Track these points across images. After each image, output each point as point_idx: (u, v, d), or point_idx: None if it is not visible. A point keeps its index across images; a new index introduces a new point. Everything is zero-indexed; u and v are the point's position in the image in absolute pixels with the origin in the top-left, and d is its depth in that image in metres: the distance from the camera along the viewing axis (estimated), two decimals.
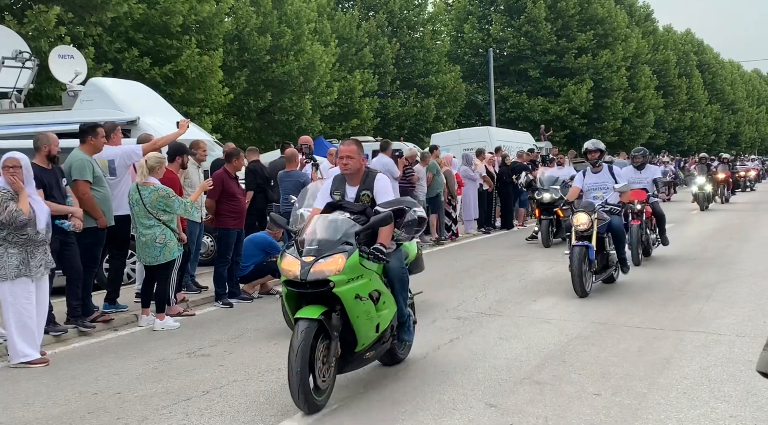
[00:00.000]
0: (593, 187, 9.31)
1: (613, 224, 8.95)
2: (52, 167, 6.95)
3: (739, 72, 76.99)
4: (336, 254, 4.76)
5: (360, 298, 4.79)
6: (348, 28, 30.62)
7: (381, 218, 4.94)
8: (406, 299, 5.52)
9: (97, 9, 16.43)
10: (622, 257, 9.19)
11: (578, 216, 8.58)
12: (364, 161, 5.53)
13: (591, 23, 41.66)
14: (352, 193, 5.44)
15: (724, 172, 25.08)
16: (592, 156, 9.42)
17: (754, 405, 4.65)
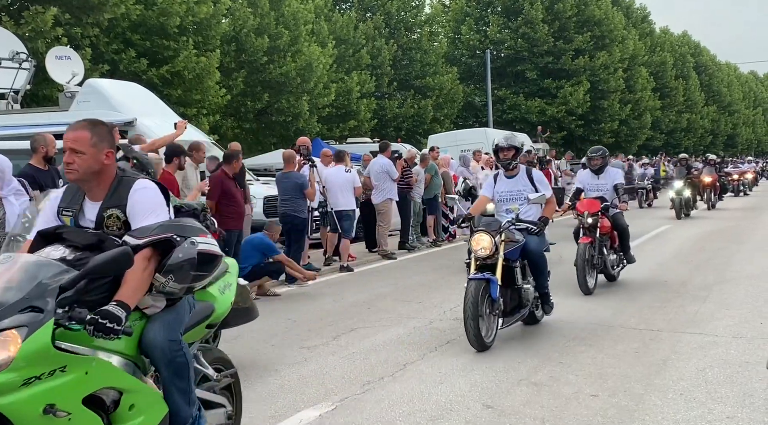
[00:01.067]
0: (506, 197, 7.14)
1: (529, 248, 6.71)
2: (49, 168, 6.95)
3: (735, 74, 77.21)
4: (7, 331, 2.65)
5: (53, 413, 2.67)
6: (345, 29, 30.62)
7: (104, 259, 2.79)
8: (186, 392, 3.29)
9: (94, 10, 16.42)
10: (544, 292, 6.97)
11: (477, 238, 6.44)
12: (110, 158, 3.31)
13: (588, 25, 41.74)
14: (92, 213, 3.32)
15: (709, 175, 22.61)
16: (504, 155, 7.12)
17: (750, 407, 4.66)
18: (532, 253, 6.75)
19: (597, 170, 9.45)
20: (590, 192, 9.38)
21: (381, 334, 6.97)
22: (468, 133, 25.56)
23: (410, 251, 13.44)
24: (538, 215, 7.02)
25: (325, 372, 5.70)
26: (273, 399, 5.09)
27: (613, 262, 9.34)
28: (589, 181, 9.52)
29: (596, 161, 9.50)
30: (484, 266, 6.44)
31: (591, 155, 9.64)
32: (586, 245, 8.69)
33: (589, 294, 8.40)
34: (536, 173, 7.33)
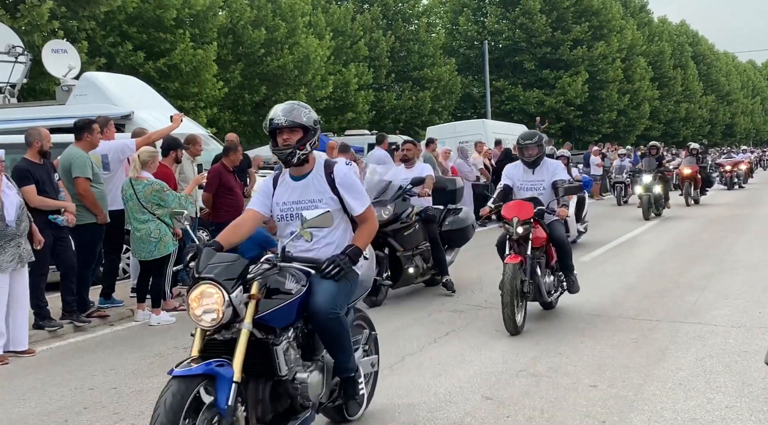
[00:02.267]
0: (527, 186, 7.25)
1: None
2: (44, 162, 6.93)
3: (734, 63, 77.10)
4: None
5: None
6: (343, 21, 30.54)
7: None
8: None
9: (90, 3, 16.36)
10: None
11: None
12: None
13: (586, 15, 41.65)
14: None
15: (689, 166, 19.88)
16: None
17: (749, 396, 4.66)
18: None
19: (531, 163, 7.06)
20: (521, 192, 7.11)
21: (380, 326, 6.91)
22: (466, 124, 25.49)
23: None
24: None
25: None
26: None
27: (549, 286, 6.96)
28: (521, 177, 7.15)
29: (530, 151, 7.02)
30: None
31: (523, 142, 7.07)
32: (515, 266, 6.36)
33: (516, 334, 6.38)
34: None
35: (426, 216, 8.35)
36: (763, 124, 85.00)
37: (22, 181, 6.67)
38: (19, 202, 6.33)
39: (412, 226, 8.11)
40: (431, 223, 8.42)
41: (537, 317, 7.15)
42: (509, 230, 6.54)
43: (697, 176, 19.90)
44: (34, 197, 6.70)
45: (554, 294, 7.18)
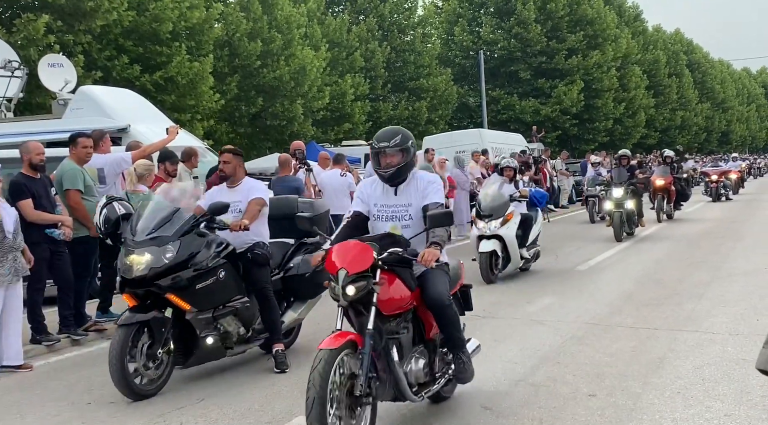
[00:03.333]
0: None
1: None
2: (41, 177, 6.93)
3: (728, 71, 77.52)
4: None
5: None
6: (338, 32, 30.65)
7: None
8: None
9: (86, 17, 16.40)
10: None
11: None
12: None
13: (581, 24, 41.84)
14: None
15: (662, 177, 17.35)
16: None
17: (748, 404, 4.66)
18: None
19: (390, 178, 4.51)
20: (378, 222, 4.63)
21: None
22: (463, 134, 25.57)
23: None
24: None
25: None
26: (269, 405, 5.07)
27: (417, 376, 4.40)
28: (379, 199, 4.64)
29: (388, 159, 4.47)
30: None
31: (377, 145, 4.50)
32: (332, 355, 3.85)
33: None
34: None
35: (253, 256, 5.91)
36: (759, 131, 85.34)
37: (18, 195, 6.67)
38: (17, 215, 6.33)
39: (213, 273, 5.55)
40: (261, 266, 5.92)
41: (535, 325, 7.14)
42: (335, 292, 4.00)
43: (671, 188, 17.54)
44: (31, 212, 6.70)
45: (432, 387, 4.50)
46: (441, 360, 4.70)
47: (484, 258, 9.63)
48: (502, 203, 9.91)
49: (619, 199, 14.07)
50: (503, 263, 9.90)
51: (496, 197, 10.00)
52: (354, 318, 4.22)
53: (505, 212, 9.85)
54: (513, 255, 9.88)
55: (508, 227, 9.79)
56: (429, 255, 4.20)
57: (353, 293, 3.97)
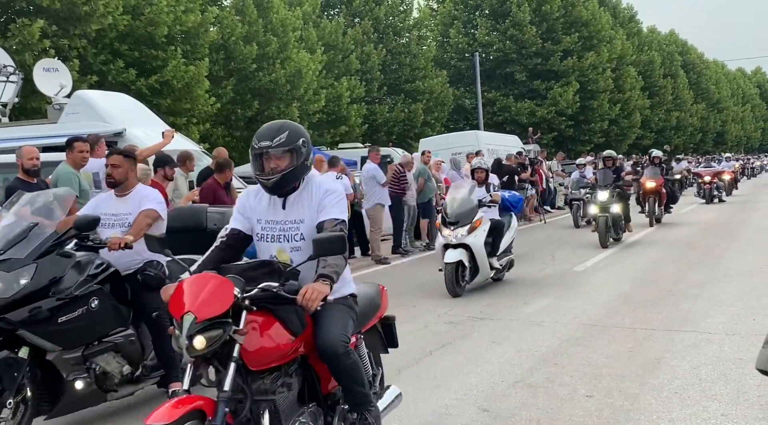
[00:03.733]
0: None
1: None
2: (36, 181, 6.91)
3: (723, 71, 77.69)
4: None
5: None
6: (334, 35, 30.65)
7: None
8: None
9: (81, 21, 16.38)
10: None
11: None
12: None
13: (575, 26, 41.92)
14: None
15: (653, 178, 16.66)
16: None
17: (745, 403, 4.67)
18: None
19: (276, 186, 3.49)
20: (262, 243, 3.64)
21: None
22: (459, 136, 25.59)
23: (404, 255, 13.44)
24: None
25: None
26: None
27: None
28: (264, 214, 3.62)
29: (275, 162, 3.46)
30: None
31: (259, 145, 3.47)
32: None
33: None
34: None
35: (144, 278, 4.96)
36: (754, 131, 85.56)
37: None
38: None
39: (82, 303, 4.54)
40: (152, 290, 4.76)
41: (532, 326, 7.15)
42: (178, 344, 3.00)
43: (661, 191, 16.80)
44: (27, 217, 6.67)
45: None
46: (343, 421, 3.61)
47: (449, 269, 8.86)
48: (470, 208, 9.22)
49: (604, 202, 13.19)
50: (471, 274, 9.12)
51: (463, 203, 9.35)
52: (213, 375, 3.13)
53: (472, 219, 9.10)
54: (482, 266, 9.13)
55: (476, 235, 9.03)
56: (311, 293, 3.10)
57: (202, 347, 2.92)
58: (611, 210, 13.23)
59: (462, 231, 9.01)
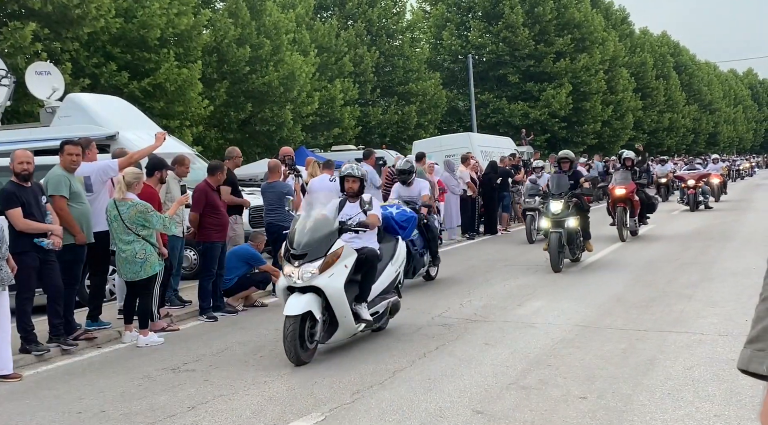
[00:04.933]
0: None
1: None
2: (31, 185, 6.89)
3: (715, 73, 78.06)
4: None
5: None
6: (327, 37, 30.66)
7: None
8: None
9: (73, 24, 16.34)
10: None
11: None
12: None
13: (568, 28, 42.06)
14: None
15: (623, 184, 14.29)
16: None
17: (737, 404, 4.69)
18: None
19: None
20: None
21: (369, 342, 6.97)
22: (452, 138, 25.64)
23: None
24: None
25: (314, 382, 5.68)
26: (262, 412, 5.06)
27: None
28: None
29: None
30: None
31: None
32: None
33: None
34: None
35: None
36: (746, 132, 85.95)
37: (7, 204, 6.63)
38: (4, 224, 6.30)
39: None
40: None
41: (525, 328, 7.16)
42: None
43: (633, 198, 14.33)
44: (20, 220, 6.66)
45: None
46: None
47: (290, 326, 5.99)
48: (324, 235, 6.41)
49: (557, 215, 10.84)
50: (326, 329, 6.35)
51: (317, 226, 6.45)
52: None
53: (327, 250, 6.32)
54: (341, 318, 6.31)
55: (333, 273, 6.25)
56: None
57: None
58: (566, 225, 10.84)
59: (311, 268, 6.17)
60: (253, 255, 9.18)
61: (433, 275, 10.72)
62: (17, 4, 15.87)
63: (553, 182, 11.68)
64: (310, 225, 6.50)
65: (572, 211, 11.09)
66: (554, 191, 11.31)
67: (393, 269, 7.36)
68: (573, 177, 11.62)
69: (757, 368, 1.28)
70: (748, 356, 1.30)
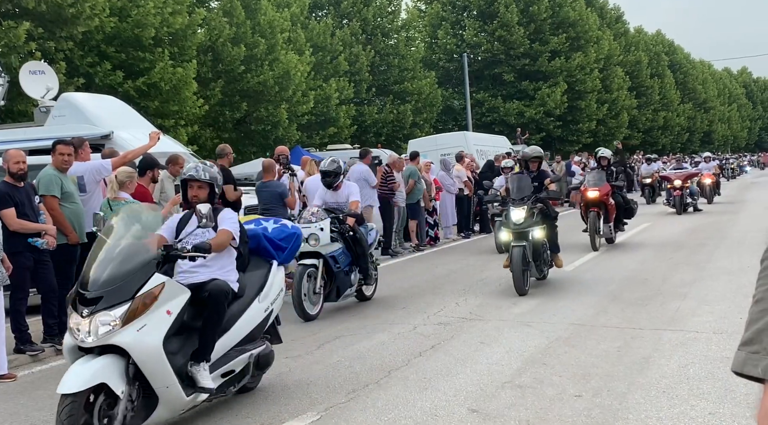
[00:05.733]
0: None
1: None
2: (24, 185, 6.87)
3: (710, 71, 78.18)
4: None
5: None
6: (322, 36, 30.63)
7: None
8: None
9: (67, 24, 16.28)
10: None
11: None
12: None
13: (563, 26, 42.11)
14: None
15: (595, 187, 12.70)
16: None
17: (732, 402, 4.70)
18: None
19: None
20: None
21: (365, 341, 6.97)
22: (448, 137, 25.63)
23: (393, 256, 13.44)
24: None
25: (310, 382, 5.68)
26: (257, 411, 5.05)
27: None
28: None
29: None
30: None
31: None
32: None
33: None
34: None
35: None
36: (741, 131, 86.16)
37: (0, 204, 6.61)
38: None
39: None
40: None
41: (521, 327, 7.17)
42: None
43: (608, 202, 12.77)
44: (14, 221, 6.64)
45: None
46: None
47: (66, 409, 4.13)
48: (132, 268, 4.50)
49: (520, 225, 8.94)
50: (137, 407, 4.39)
51: (124, 255, 4.54)
52: None
53: (137, 289, 4.43)
54: (159, 390, 4.43)
55: (145, 325, 4.36)
56: None
57: None
58: (531, 236, 9.02)
59: (110, 319, 4.30)
60: None
61: (368, 294, 9.20)
62: (11, 3, 15.82)
63: (513, 184, 9.61)
64: (116, 253, 4.51)
65: (537, 219, 9.18)
66: (515, 196, 9.36)
67: (261, 307, 5.38)
68: (537, 178, 9.89)
69: (751, 370, 1.28)
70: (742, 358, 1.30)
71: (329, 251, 8.24)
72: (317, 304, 8.25)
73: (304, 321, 7.88)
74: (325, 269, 8.25)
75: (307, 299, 8.08)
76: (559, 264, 9.82)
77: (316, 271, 8.17)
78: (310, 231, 8.12)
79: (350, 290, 8.67)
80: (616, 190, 13.27)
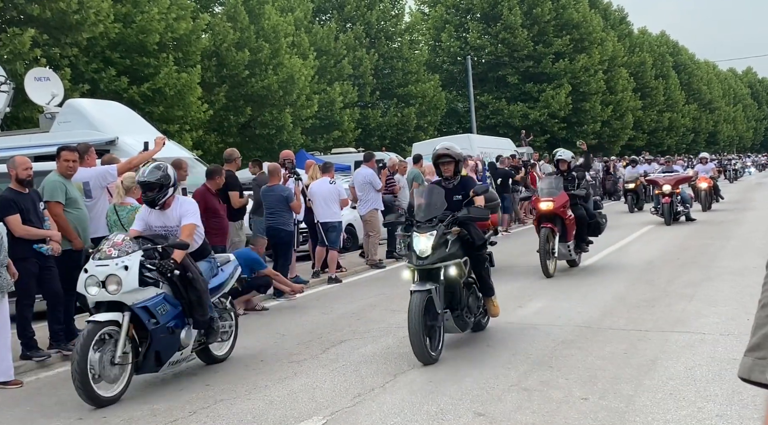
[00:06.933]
0: None
1: None
2: (29, 191, 6.89)
3: (714, 72, 78.03)
4: None
5: None
6: (326, 40, 30.69)
7: None
8: None
9: (72, 30, 16.36)
10: None
11: None
12: None
13: (567, 28, 42.08)
14: None
15: (549, 197, 10.37)
16: None
17: (739, 404, 4.68)
18: None
19: None
20: None
21: (371, 345, 6.96)
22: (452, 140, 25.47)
23: (398, 259, 13.42)
24: None
25: (315, 386, 5.67)
26: (262, 416, 5.05)
27: None
28: None
29: None
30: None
31: None
32: None
33: None
34: None
35: None
36: (746, 131, 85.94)
37: (6, 211, 6.63)
38: (2, 231, 6.29)
39: None
40: None
41: (527, 329, 7.14)
42: None
43: (566, 215, 10.36)
44: (19, 227, 6.65)
45: None
46: None
47: None
48: None
49: (424, 260, 6.22)
50: None
51: None
52: None
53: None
54: None
55: None
56: None
57: None
58: (444, 276, 6.30)
59: None
60: (254, 259, 9.17)
61: (219, 354, 6.63)
62: (16, 10, 15.90)
63: (425, 198, 6.82)
64: None
65: (453, 250, 6.39)
66: (421, 216, 6.60)
67: None
68: (458, 189, 6.95)
69: (759, 377, 1.27)
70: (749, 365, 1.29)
71: (139, 301, 5.59)
72: (119, 380, 5.53)
73: (96, 408, 5.34)
74: (134, 327, 5.62)
75: (101, 375, 5.37)
76: (494, 313, 7.13)
77: (117, 331, 5.50)
78: (107, 271, 5.54)
79: (180, 355, 6.00)
80: (577, 200, 10.69)
